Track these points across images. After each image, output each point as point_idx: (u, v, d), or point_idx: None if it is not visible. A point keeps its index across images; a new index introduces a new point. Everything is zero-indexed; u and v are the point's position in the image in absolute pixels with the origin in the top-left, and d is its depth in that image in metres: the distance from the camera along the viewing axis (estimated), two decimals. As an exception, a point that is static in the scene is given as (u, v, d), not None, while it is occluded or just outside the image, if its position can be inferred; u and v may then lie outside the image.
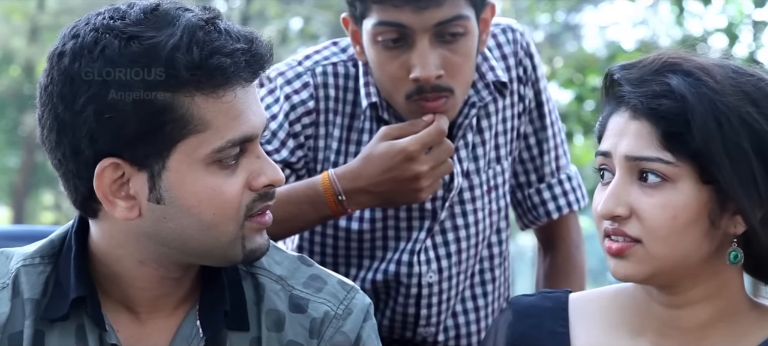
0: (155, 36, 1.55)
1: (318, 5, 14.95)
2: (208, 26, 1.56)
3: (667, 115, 1.60)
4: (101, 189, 1.58)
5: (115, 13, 1.58)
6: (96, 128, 1.55)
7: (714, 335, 1.68)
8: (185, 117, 1.55)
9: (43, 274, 1.66)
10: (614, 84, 1.66)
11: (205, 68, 1.54)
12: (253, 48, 1.58)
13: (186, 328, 1.67)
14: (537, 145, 2.41)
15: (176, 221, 1.59)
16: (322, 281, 1.72)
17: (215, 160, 1.58)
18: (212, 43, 1.55)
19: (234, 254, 1.62)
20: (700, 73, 1.61)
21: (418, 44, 2.12)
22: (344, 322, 1.69)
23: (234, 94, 1.57)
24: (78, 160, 1.58)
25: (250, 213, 1.61)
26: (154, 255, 1.63)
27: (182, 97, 1.55)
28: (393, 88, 2.18)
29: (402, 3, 2.10)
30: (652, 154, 1.60)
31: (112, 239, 1.64)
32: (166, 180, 1.57)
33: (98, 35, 1.56)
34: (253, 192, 1.61)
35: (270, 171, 1.62)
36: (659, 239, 1.61)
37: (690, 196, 1.60)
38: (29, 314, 1.64)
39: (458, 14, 2.13)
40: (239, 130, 1.58)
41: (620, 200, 1.62)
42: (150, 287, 1.65)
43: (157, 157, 1.56)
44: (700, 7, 10.08)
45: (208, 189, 1.58)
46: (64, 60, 1.56)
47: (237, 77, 1.57)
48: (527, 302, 1.78)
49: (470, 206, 2.35)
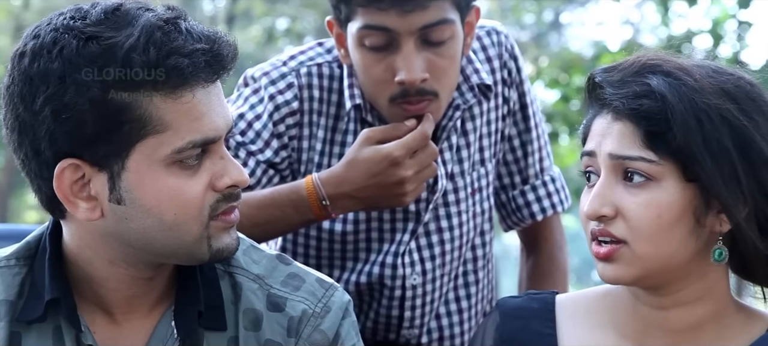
0: (114, 36, 1.54)
1: (304, 4, 14.94)
2: (168, 26, 1.55)
3: (648, 115, 1.61)
4: (61, 190, 1.57)
5: (76, 13, 1.57)
6: (54, 129, 1.54)
7: (701, 337, 1.68)
8: (144, 117, 1.54)
9: (19, 276, 1.66)
10: (596, 87, 1.67)
11: (163, 68, 1.53)
12: (215, 48, 1.57)
13: (162, 328, 1.66)
14: (521, 147, 2.42)
15: (138, 221, 1.58)
16: (300, 279, 1.71)
17: (176, 161, 1.57)
18: (170, 43, 1.54)
19: (200, 253, 1.61)
20: (680, 73, 1.62)
21: (403, 47, 2.12)
22: (322, 320, 1.69)
23: (192, 95, 1.56)
24: (39, 160, 1.58)
25: (215, 213, 1.60)
26: (122, 255, 1.62)
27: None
28: (377, 91, 2.18)
29: (387, 6, 2.09)
30: (634, 153, 1.61)
31: (80, 240, 1.63)
32: (126, 180, 1.57)
33: (57, 35, 1.55)
34: (216, 192, 1.60)
35: (234, 172, 1.61)
36: (644, 238, 1.61)
37: (674, 194, 1.61)
38: (4, 316, 1.63)
39: (443, 18, 2.13)
40: (200, 131, 1.57)
41: (606, 200, 1.62)
42: (122, 287, 1.65)
43: (116, 158, 1.56)
44: (685, 7, 10.12)
45: (168, 189, 1.57)
46: (25, 60, 1.56)
47: (196, 78, 1.56)
48: (514, 304, 1.79)
49: (454, 207, 2.35)
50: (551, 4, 14.12)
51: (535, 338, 1.75)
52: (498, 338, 1.76)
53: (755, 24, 10.28)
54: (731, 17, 9.71)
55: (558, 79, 10.09)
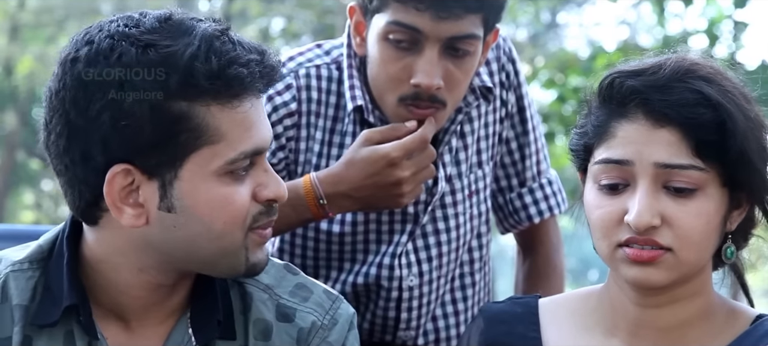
0: (172, 45, 1.54)
1: (300, 4, 14.92)
2: (223, 37, 1.56)
3: (704, 124, 1.60)
4: (111, 195, 1.57)
5: (129, 21, 1.57)
6: (110, 135, 1.54)
7: (690, 334, 1.69)
8: (200, 127, 1.55)
9: (32, 279, 1.66)
10: (622, 89, 1.64)
11: (224, 78, 1.54)
12: (265, 59, 1.59)
13: (177, 336, 1.67)
14: (518, 150, 2.42)
15: (186, 229, 1.59)
16: (308, 290, 1.72)
17: (228, 172, 1.58)
18: (228, 54, 1.55)
19: (238, 265, 1.62)
20: (719, 78, 1.63)
21: (426, 52, 2.12)
22: (330, 332, 1.70)
23: (250, 104, 1.58)
24: (87, 166, 1.57)
25: (254, 225, 1.62)
26: (156, 263, 1.62)
27: (198, 106, 1.54)
28: (389, 87, 2.17)
29: (424, 8, 2.09)
30: (685, 162, 1.60)
31: (111, 247, 1.63)
32: (178, 189, 1.57)
33: (114, 42, 1.55)
34: (258, 204, 1.61)
35: (274, 185, 1.62)
36: (693, 245, 1.62)
37: (717, 200, 1.62)
38: (18, 320, 1.63)
39: (472, 33, 2.13)
40: (251, 142, 1.58)
41: (654, 210, 1.60)
42: (144, 295, 1.65)
43: (169, 167, 1.56)
44: (681, 7, 10.12)
45: (220, 198, 1.58)
46: (78, 65, 1.55)
47: (252, 88, 1.57)
48: (498, 309, 1.79)
49: (452, 210, 2.35)
50: (548, 4, 14.13)
51: (520, 342, 1.75)
52: (483, 342, 1.76)
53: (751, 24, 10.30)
54: (727, 17, 9.72)
55: (554, 80, 10.09)
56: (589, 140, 1.68)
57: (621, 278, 1.68)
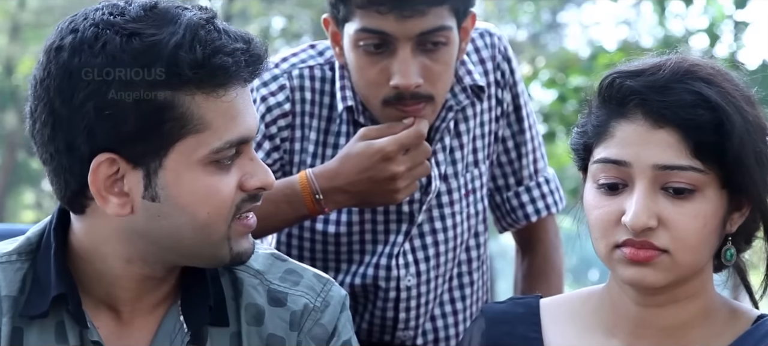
0: (157, 33, 1.54)
1: (300, 4, 14.94)
2: (209, 25, 1.56)
3: (703, 125, 1.59)
4: (95, 184, 1.57)
5: (114, 9, 1.57)
6: (95, 124, 1.54)
7: (690, 334, 1.69)
8: (185, 116, 1.55)
9: (21, 271, 1.65)
10: (622, 90, 1.63)
11: (208, 67, 1.54)
12: (251, 48, 1.58)
13: (168, 324, 1.66)
14: (515, 149, 2.41)
15: (170, 219, 1.58)
16: (297, 274, 1.73)
17: (213, 161, 1.58)
18: (213, 43, 1.55)
19: (222, 255, 1.62)
20: (720, 79, 1.62)
21: (399, 52, 2.12)
22: (322, 314, 1.70)
23: (235, 93, 1.57)
24: (72, 155, 1.57)
25: (238, 213, 1.61)
26: (142, 253, 1.62)
27: (183, 95, 1.54)
28: (371, 92, 2.18)
29: (386, 10, 2.09)
30: (684, 163, 1.59)
31: (98, 236, 1.63)
32: (163, 178, 1.57)
33: (98, 30, 1.54)
34: (243, 192, 1.61)
35: (262, 174, 1.62)
36: (689, 248, 1.61)
37: (715, 202, 1.61)
38: (6, 312, 1.63)
39: (441, 25, 2.13)
40: (237, 131, 1.58)
41: (650, 211, 1.60)
42: (133, 286, 1.65)
43: (154, 156, 1.56)
44: (682, 7, 10.13)
45: (205, 188, 1.58)
46: (63, 54, 1.55)
47: (238, 77, 1.57)
48: (499, 309, 1.79)
49: (448, 209, 2.35)
50: (548, 4, 14.14)
51: (521, 343, 1.75)
52: (484, 343, 1.76)
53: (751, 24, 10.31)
54: (728, 17, 9.73)
55: (555, 79, 10.10)
56: (589, 139, 1.68)
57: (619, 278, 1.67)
